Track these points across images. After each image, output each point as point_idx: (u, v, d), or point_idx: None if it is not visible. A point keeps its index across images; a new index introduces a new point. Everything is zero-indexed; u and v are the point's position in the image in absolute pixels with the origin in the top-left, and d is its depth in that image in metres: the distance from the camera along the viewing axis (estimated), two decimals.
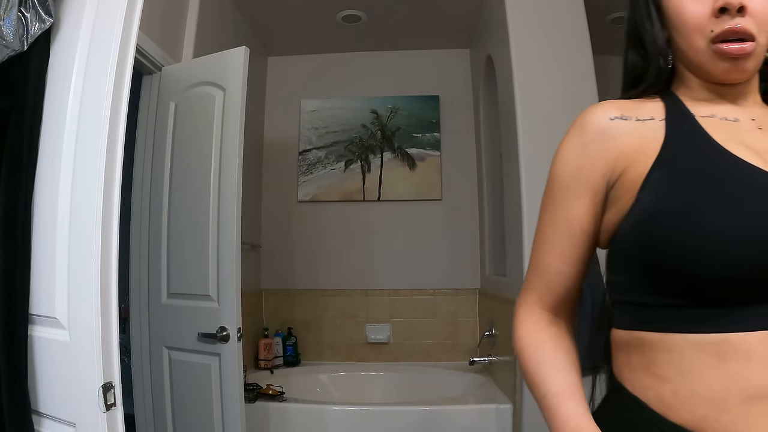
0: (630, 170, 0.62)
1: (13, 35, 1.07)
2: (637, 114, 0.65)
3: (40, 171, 1.12)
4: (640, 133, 0.63)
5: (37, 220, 1.11)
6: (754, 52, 0.62)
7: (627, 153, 0.63)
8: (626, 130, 0.64)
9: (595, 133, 0.65)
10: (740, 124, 0.64)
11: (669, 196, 0.57)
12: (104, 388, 0.99)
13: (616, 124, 0.64)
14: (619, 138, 0.63)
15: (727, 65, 0.62)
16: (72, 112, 1.10)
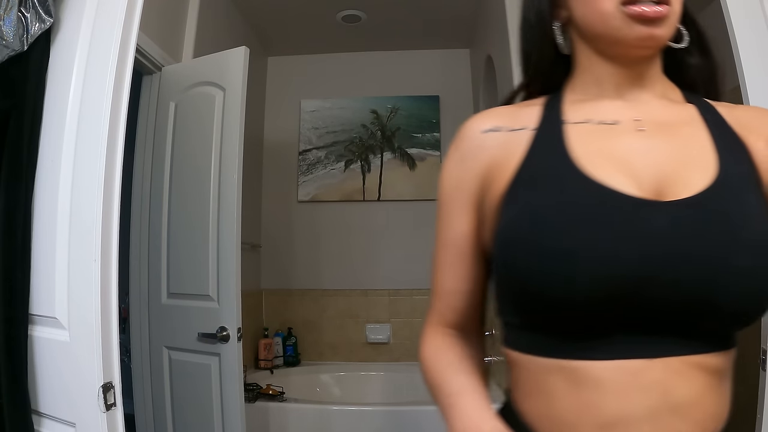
0: (494, 187, 0.59)
1: (13, 35, 1.07)
2: (511, 123, 0.62)
3: (40, 171, 1.12)
4: (508, 147, 0.60)
5: (37, 220, 1.11)
6: (669, 17, 0.55)
7: (493, 168, 0.60)
8: (496, 143, 0.61)
9: (469, 147, 0.63)
10: (617, 127, 0.58)
11: (517, 218, 0.54)
12: (104, 388, 0.99)
13: (489, 137, 0.61)
14: (489, 151, 0.61)
15: (643, 29, 0.55)
16: (72, 112, 1.10)
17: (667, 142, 0.57)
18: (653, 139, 0.57)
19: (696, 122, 0.59)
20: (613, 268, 0.48)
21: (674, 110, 0.60)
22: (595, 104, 0.61)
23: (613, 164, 0.55)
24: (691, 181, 0.53)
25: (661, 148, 0.56)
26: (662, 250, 0.49)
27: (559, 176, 0.54)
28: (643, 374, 0.49)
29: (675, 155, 0.55)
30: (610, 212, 0.51)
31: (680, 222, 0.50)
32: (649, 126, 0.58)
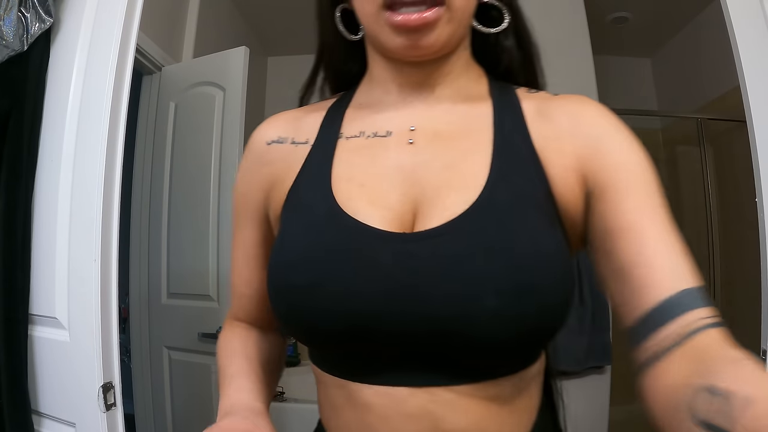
0: (273, 206, 0.56)
1: (13, 35, 1.07)
2: (295, 134, 0.57)
3: (40, 171, 1.12)
4: (288, 162, 0.55)
5: (37, 220, 1.11)
6: (442, 20, 0.47)
7: (274, 184, 0.56)
8: (279, 156, 0.56)
9: (254, 160, 0.59)
10: (388, 140, 0.53)
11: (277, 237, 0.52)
12: (104, 388, 0.99)
13: (272, 150, 0.57)
14: (271, 166, 0.56)
15: (402, 40, 0.48)
16: (72, 112, 1.10)
17: (435, 158, 0.50)
18: (421, 154, 0.51)
19: (483, 130, 0.52)
20: (347, 303, 0.45)
21: (462, 114, 0.53)
22: (375, 111, 0.55)
23: (364, 190, 0.50)
24: (452, 201, 0.47)
25: (426, 166, 0.50)
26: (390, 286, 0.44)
27: (312, 206, 0.50)
28: (408, 402, 0.46)
29: (440, 175, 0.49)
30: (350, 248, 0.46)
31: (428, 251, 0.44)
32: (423, 137, 0.52)
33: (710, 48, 2.72)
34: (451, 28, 0.49)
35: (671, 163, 3.23)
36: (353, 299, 0.45)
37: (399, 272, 0.45)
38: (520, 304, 0.42)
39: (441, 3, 0.47)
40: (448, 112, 0.53)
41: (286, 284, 0.48)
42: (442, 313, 0.43)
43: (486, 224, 0.45)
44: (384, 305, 0.44)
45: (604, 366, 2.12)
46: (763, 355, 1.01)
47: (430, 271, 0.44)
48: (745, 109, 1.05)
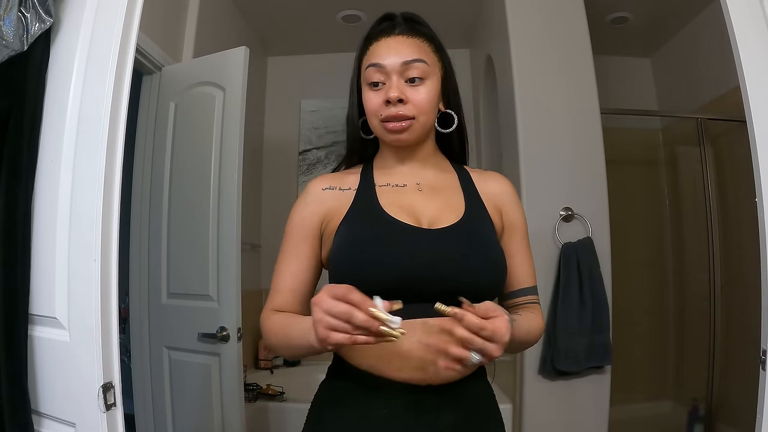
0: (330, 225, 0.93)
1: (13, 35, 1.07)
2: (341, 185, 0.97)
3: (40, 171, 1.12)
4: (339, 200, 0.94)
5: (37, 220, 1.11)
6: (413, 127, 0.90)
7: (330, 213, 0.94)
8: (331, 197, 0.95)
9: (313, 198, 0.96)
10: (406, 188, 0.95)
11: (345, 238, 0.89)
12: (104, 388, 0.99)
13: (326, 194, 0.96)
14: (326, 203, 0.95)
15: (392, 137, 0.91)
16: (72, 112, 1.10)
17: (435, 198, 0.94)
18: (427, 195, 0.95)
19: (455, 185, 0.98)
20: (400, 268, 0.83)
21: (442, 177, 0.99)
22: (391, 172, 0.98)
23: (403, 210, 0.91)
24: (448, 218, 0.91)
25: (431, 201, 0.94)
26: (422, 257, 0.84)
27: (372, 215, 0.90)
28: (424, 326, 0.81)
29: (440, 205, 0.93)
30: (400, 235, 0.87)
31: (439, 239, 0.87)
32: (425, 188, 0.96)
33: (710, 48, 2.72)
34: (417, 131, 0.92)
35: (671, 163, 3.23)
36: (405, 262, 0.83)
37: (429, 249, 0.86)
38: (493, 269, 0.89)
39: (411, 119, 0.90)
40: (434, 176, 0.99)
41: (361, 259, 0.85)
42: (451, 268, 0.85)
43: (470, 227, 0.92)
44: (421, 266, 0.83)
45: (604, 366, 2.12)
46: (763, 355, 1.01)
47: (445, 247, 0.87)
48: (745, 109, 1.05)
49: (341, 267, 0.86)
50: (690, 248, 3.03)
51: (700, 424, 2.63)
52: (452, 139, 1.02)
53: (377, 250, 0.84)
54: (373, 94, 0.91)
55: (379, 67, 0.91)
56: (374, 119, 0.92)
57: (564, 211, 2.18)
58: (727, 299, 2.62)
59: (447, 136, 1.01)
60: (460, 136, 1.03)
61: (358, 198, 0.94)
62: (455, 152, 1.05)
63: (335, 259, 0.88)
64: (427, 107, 0.91)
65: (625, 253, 2.73)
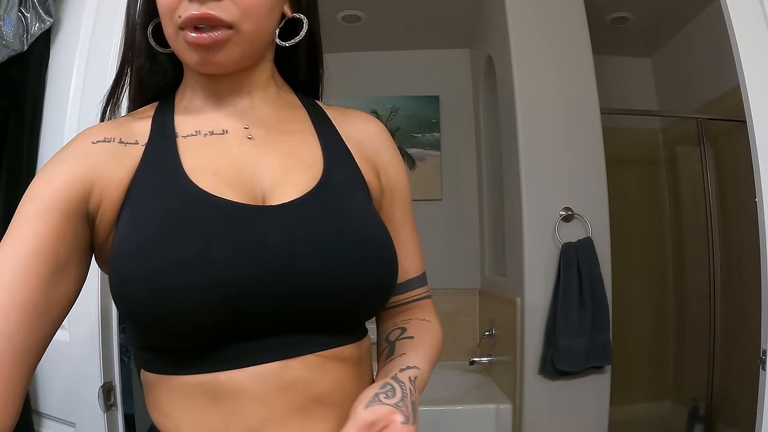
0: (101, 197, 0.54)
1: (13, 35, 1.07)
2: (123, 136, 0.58)
3: None
4: (117, 158, 0.56)
5: None
6: (232, 41, 0.55)
7: (99, 176, 0.54)
8: (104, 152, 0.56)
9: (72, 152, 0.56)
10: (226, 137, 0.60)
11: (125, 233, 0.51)
12: (104, 388, 0.99)
13: (97, 147, 0.56)
14: (94, 159, 0.55)
15: (197, 56, 0.55)
16: (72, 112, 1.10)
17: (275, 148, 0.60)
18: (262, 146, 0.60)
19: (306, 128, 0.64)
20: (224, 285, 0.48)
21: (285, 115, 0.64)
22: (202, 114, 0.61)
23: (221, 176, 0.55)
24: (296, 185, 0.57)
25: (269, 155, 0.59)
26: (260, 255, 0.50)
27: (171, 189, 0.54)
28: (282, 375, 0.51)
29: (282, 161, 0.59)
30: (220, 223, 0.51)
31: (287, 223, 0.53)
32: (258, 133, 0.61)
33: (710, 48, 2.72)
34: (241, 48, 0.57)
35: (671, 163, 3.23)
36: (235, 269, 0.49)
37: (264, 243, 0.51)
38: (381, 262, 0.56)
39: (229, 27, 0.54)
40: (272, 114, 0.63)
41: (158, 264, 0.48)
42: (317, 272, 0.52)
43: (331, 197, 0.57)
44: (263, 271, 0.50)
45: (604, 366, 2.12)
46: (763, 355, 1.01)
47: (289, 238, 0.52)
48: (745, 109, 1.05)
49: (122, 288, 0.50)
50: (690, 248, 3.03)
51: (700, 424, 2.63)
52: (298, 59, 0.67)
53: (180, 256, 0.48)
54: None
55: None
56: (169, 24, 0.56)
57: (564, 211, 2.18)
58: (727, 299, 2.62)
59: (290, 55, 0.67)
60: (310, 53, 0.68)
61: (148, 159, 0.56)
62: (302, 79, 0.70)
63: (113, 276, 0.52)
64: (258, 7, 0.56)
65: (625, 253, 2.73)
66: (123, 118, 0.63)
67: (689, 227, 3.04)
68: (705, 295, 2.67)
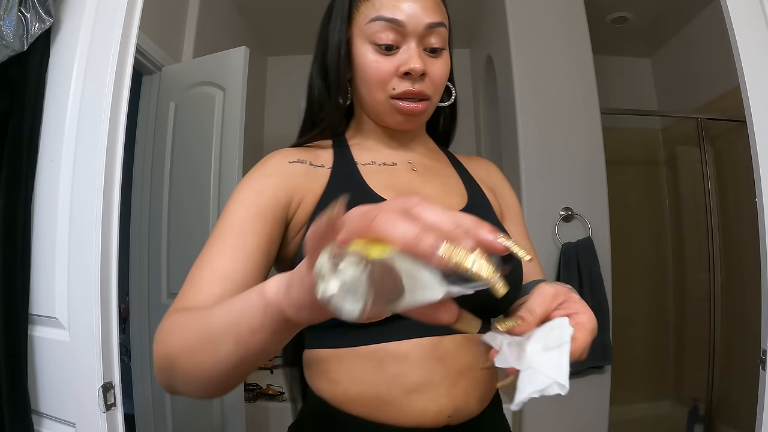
0: (298, 209, 0.67)
1: (13, 35, 1.07)
2: (313, 159, 0.72)
3: (40, 171, 1.12)
4: (309, 177, 0.69)
5: (37, 220, 1.11)
6: (427, 111, 0.73)
7: (297, 190, 0.67)
8: (299, 171, 0.69)
9: (275, 169, 0.68)
10: (397, 167, 0.76)
11: None
12: (104, 388, 0.99)
13: (293, 167, 0.69)
14: (293, 177, 0.68)
15: (402, 119, 0.72)
16: (72, 112, 1.10)
17: (433, 178, 0.77)
18: (423, 176, 0.76)
19: (449, 167, 0.82)
20: None
21: (434, 157, 0.82)
22: (375, 151, 0.77)
23: (397, 192, 0.71)
24: (452, 203, 0.73)
25: (429, 182, 0.76)
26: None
27: (360, 198, 0.66)
28: (439, 347, 0.63)
29: (439, 187, 0.76)
30: None
31: None
32: (419, 167, 0.78)
33: (710, 48, 2.72)
34: (428, 113, 0.75)
35: (671, 163, 3.23)
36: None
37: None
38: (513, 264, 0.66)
39: (428, 99, 0.72)
40: (426, 155, 0.81)
41: None
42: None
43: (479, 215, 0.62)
44: None
45: (604, 366, 2.12)
46: (763, 355, 1.01)
47: None
48: (745, 109, 1.05)
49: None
50: (690, 248, 3.03)
51: (700, 424, 2.63)
52: (444, 117, 0.87)
53: None
54: (384, 60, 0.69)
55: (396, 24, 0.67)
56: (380, 92, 0.70)
57: (564, 211, 2.18)
58: (727, 299, 2.62)
59: (436, 113, 0.85)
60: (453, 112, 0.87)
61: (336, 178, 0.70)
62: (441, 131, 0.89)
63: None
64: (444, 82, 0.74)
65: (625, 253, 2.73)
66: (309, 146, 0.76)
67: (689, 227, 3.04)
68: (705, 295, 2.67)
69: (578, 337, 0.48)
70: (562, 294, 0.52)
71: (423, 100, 0.71)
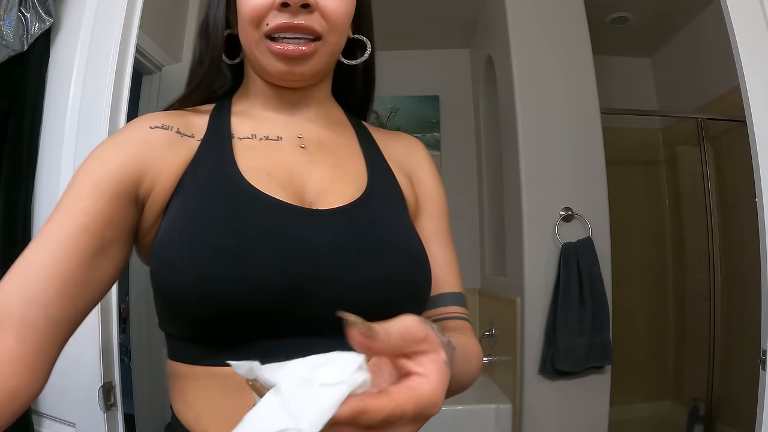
0: (152, 184, 0.55)
1: (13, 35, 1.07)
2: (182, 127, 0.60)
3: (40, 171, 1.12)
4: (172, 147, 0.57)
5: (37, 220, 1.11)
6: (319, 53, 0.59)
7: (152, 162, 0.55)
8: (161, 138, 0.57)
9: (130, 136, 0.57)
10: (281, 143, 0.62)
11: (175, 222, 0.52)
12: (104, 388, 0.99)
13: (155, 133, 0.58)
14: (151, 144, 0.56)
15: (282, 66, 0.58)
16: (72, 112, 1.10)
17: (324, 158, 0.62)
18: (312, 155, 0.62)
19: (353, 144, 0.67)
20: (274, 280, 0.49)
21: (335, 130, 0.67)
22: (259, 120, 0.64)
23: (274, 178, 0.57)
24: (345, 192, 0.59)
25: (318, 164, 0.62)
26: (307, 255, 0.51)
27: (224, 183, 0.55)
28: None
29: (330, 171, 0.61)
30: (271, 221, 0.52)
31: (333, 226, 0.55)
32: (310, 143, 0.63)
33: (710, 48, 2.72)
34: (322, 61, 0.61)
35: (671, 163, 3.23)
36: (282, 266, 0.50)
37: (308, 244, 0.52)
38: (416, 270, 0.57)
39: (318, 38, 0.58)
40: (324, 128, 0.67)
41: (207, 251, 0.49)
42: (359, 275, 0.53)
43: (374, 207, 0.59)
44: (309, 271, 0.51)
45: (604, 366, 2.12)
46: (763, 355, 1.01)
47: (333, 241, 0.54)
48: (745, 109, 1.05)
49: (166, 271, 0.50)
50: (690, 248, 3.03)
51: (700, 424, 2.63)
52: (355, 79, 0.72)
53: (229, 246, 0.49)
54: None
55: None
56: (252, 31, 0.58)
57: (564, 211, 2.18)
58: (727, 299, 2.62)
59: (347, 75, 0.71)
60: (367, 75, 0.73)
61: (203, 153, 0.58)
62: (353, 99, 0.74)
63: (157, 259, 0.51)
64: (343, 21, 0.59)
65: (625, 253, 2.73)
66: (181, 111, 0.64)
67: (689, 227, 3.04)
68: (705, 295, 2.67)
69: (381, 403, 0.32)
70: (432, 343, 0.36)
71: (311, 40, 0.57)
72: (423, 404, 0.34)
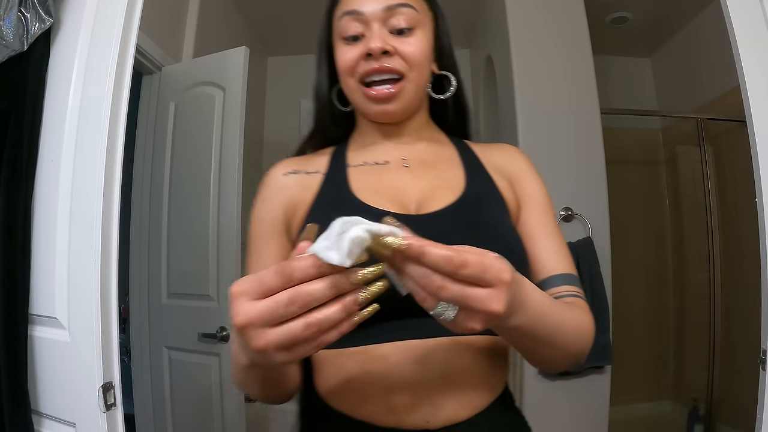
0: (296, 217, 0.72)
1: (13, 35, 1.07)
2: (306, 168, 0.77)
3: (40, 171, 1.12)
4: (304, 185, 0.74)
5: (37, 220, 1.11)
6: (404, 90, 0.71)
7: (294, 201, 0.73)
8: (294, 182, 0.75)
9: (272, 189, 0.76)
10: (388, 166, 0.75)
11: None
12: (104, 388, 0.99)
13: (288, 179, 0.76)
14: (289, 189, 0.74)
15: (376, 107, 0.71)
16: (72, 112, 1.10)
17: (426, 173, 0.74)
18: (415, 172, 0.74)
19: (453, 158, 0.77)
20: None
21: (436, 149, 0.78)
22: (371, 149, 0.77)
23: (382, 193, 0.70)
24: (443, 198, 0.69)
25: (421, 178, 0.73)
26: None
27: (341, 203, 0.69)
28: (419, 350, 0.61)
29: (431, 183, 0.72)
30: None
31: (431, 226, 0.64)
32: (413, 162, 0.75)
33: (710, 48, 2.72)
34: (409, 95, 0.72)
35: (671, 163, 3.23)
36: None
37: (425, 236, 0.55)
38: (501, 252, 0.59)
39: (401, 78, 0.70)
40: (425, 149, 0.78)
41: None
42: None
43: (472, 207, 0.69)
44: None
45: (604, 366, 2.12)
46: (763, 355, 1.01)
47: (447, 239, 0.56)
48: (745, 109, 1.05)
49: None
50: (690, 248, 3.03)
51: (700, 424, 2.63)
52: (447, 109, 0.82)
53: None
54: (350, 48, 0.71)
55: (356, 14, 0.70)
56: (350, 80, 0.72)
57: (564, 211, 2.18)
58: (727, 299, 2.62)
59: (441, 107, 0.81)
60: (458, 104, 0.83)
61: (326, 183, 0.73)
62: (451, 124, 0.84)
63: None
64: (420, 60, 0.71)
65: (625, 253, 2.73)
66: (308, 155, 0.81)
67: (689, 227, 3.04)
68: (705, 295, 2.67)
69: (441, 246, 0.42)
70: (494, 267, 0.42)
71: (396, 81, 0.70)
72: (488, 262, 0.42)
